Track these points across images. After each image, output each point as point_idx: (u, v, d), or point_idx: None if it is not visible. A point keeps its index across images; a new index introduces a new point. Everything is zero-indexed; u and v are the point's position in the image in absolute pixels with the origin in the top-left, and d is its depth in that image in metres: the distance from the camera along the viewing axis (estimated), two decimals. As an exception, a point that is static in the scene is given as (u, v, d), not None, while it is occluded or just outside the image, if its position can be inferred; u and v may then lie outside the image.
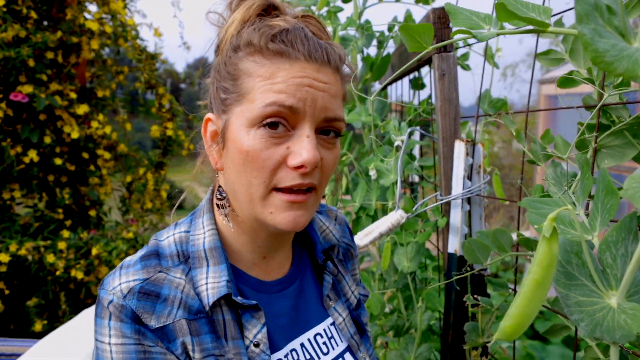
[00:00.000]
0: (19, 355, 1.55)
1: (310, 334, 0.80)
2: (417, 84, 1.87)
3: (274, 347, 0.73)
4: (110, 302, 0.64)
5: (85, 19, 2.70)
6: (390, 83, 2.04)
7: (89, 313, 1.53)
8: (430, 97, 1.79)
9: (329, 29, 1.56)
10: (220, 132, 0.70)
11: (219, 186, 0.75)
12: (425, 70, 1.79)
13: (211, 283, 0.69)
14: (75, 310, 2.70)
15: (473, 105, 1.61)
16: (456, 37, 0.54)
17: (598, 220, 0.59)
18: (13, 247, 2.38)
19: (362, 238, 1.30)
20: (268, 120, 0.64)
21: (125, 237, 2.70)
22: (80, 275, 2.50)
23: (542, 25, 0.49)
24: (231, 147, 0.67)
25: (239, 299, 0.69)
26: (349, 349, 0.83)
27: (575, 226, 0.52)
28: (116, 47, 2.87)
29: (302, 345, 0.77)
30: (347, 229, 0.98)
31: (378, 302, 1.52)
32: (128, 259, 0.71)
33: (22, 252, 2.41)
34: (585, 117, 0.93)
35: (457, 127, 1.22)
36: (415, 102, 1.90)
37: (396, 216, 1.27)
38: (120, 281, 0.65)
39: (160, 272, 0.68)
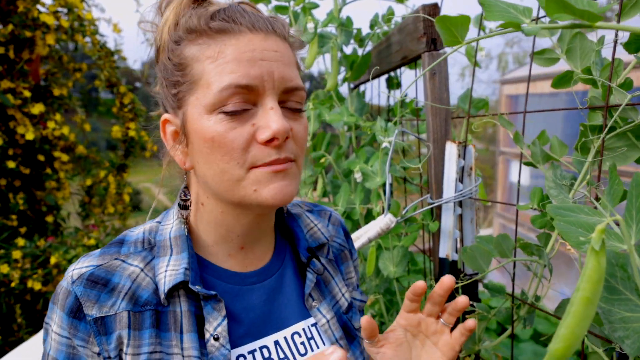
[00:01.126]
0: None
1: (287, 332, 0.76)
2: (391, 83, 1.83)
3: (238, 342, 0.70)
4: (61, 288, 0.65)
5: (39, 12, 2.53)
6: (363, 82, 1.99)
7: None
8: (414, 99, 1.76)
9: (310, 25, 1.50)
10: (180, 129, 0.67)
11: (185, 187, 0.74)
12: (400, 69, 1.76)
13: (170, 271, 0.67)
14: (31, 324, 2.54)
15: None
16: (498, 30, 0.49)
17: (633, 228, 0.55)
18: (-38, 258, 2.22)
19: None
20: (228, 108, 0.62)
21: (87, 244, 2.56)
22: (37, 285, 2.34)
23: (594, 20, 0.45)
24: (195, 140, 0.65)
25: (196, 287, 0.66)
26: None
27: (624, 237, 0.48)
28: (73, 42, 2.71)
29: (276, 342, 0.74)
30: (342, 230, 0.94)
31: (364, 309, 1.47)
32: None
33: (-27, 262, 2.24)
34: (550, 118, 0.91)
35: (448, 128, 1.18)
36: (392, 101, 1.87)
37: (385, 220, 1.22)
38: (75, 267, 0.65)
39: (116, 259, 0.67)
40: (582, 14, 0.44)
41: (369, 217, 1.53)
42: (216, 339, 0.66)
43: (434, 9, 1.15)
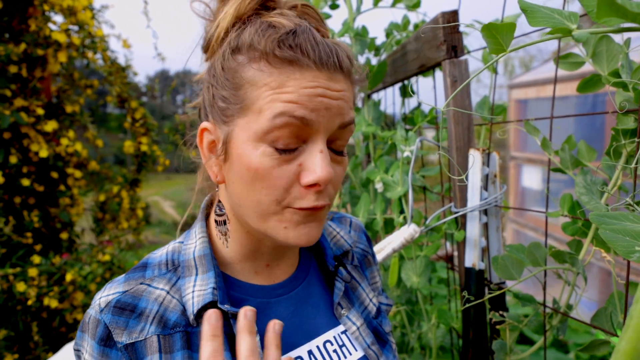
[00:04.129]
0: None
1: (319, 340, 0.75)
2: (405, 91, 1.82)
3: None
4: (90, 316, 0.64)
5: (51, 30, 2.55)
6: (377, 91, 1.98)
7: (69, 349, 1.40)
8: (430, 107, 1.74)
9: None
10: (221, 144, 0.65)
11: (219, 201, 0.72)
12: (414, 77, 1.75)
13: (197, 291, 0.66)
14: (48, 341, 2.53)
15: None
16: (546, 37, 0.47)
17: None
18: (-22, 277, 2.21)
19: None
20: (279, 144, 0.60)
21: (101, 260, 2.55)
22: (54, 303, 2.34)
23: (647, 23, 0.43)
24: (236, 162, 0.63)
25: (225, 306, 0.65)
26: (365, 358, 0.78)
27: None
28: (84, 59, 2.73)
29: (309, 352, 0.73)
30: (364, 236, 0.94)
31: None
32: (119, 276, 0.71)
33: (-11, 281, 2.24)
34: (558, 122, 0.89)
35: (472, 135, 1.16)
36: (406, 110, 1.85)
37: (410, 231, 1.20)
38: (102, 295, 0.65)
39: (141, 283, 0.67)
40: (634, 16, 0.43)
41: (389, 227, 1.51)
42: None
43: (453, 17, 1.14)
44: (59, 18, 2.70)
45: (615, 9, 0.42)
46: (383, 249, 1.23)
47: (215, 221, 0.72)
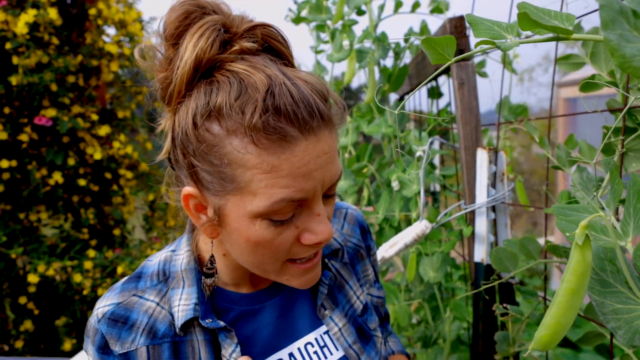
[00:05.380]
0: None
1: (300, 343, 0.78)
2: (434, 93, 1.87)
3: (261, 357, 0.74)
4: (90, 325, 0.68)
5: (104, 42, 2.76)
6: (407, 93, 2.04)
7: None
8: (448, 105, 1.79)
9: (345, 42, 1.57)
10: (213, 213, 0.63)
11: (211, 255, 0.72)
12: (442, 78, 1.79)
13: (182, 305, 0.69)
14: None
15: (491, 111, 1.60)
16: (478, 47, 0.54)
17: (631, 225, 0.58)
18: (41, 268, 2.43)
19: (387, 250, 1.29)
20: (276, 217, 0.59)
21: (150, 255, 2.74)
22: (106, 294, 2.53)
23: (566, 33, 0.49)
24: (234, 233, 0.63)
25: (206, 322, 0.68)
26: (345, 358, 0.80)
27: (609, 232, 0.51)
28: (135, 68, 2.92)
29: (290, 354, 0.76)
30: (359, 227, 0.91)
31: (405, 314, 1.51)
32: (120, 280, 0.74)
33: (50, 272, 2.45)
34: (609, 120, 0.92)
35: (479, 135, 1.21)
36: (434, 110, 1.90)
37: (421, 227, 1.26)
38: (100, 305, 0.69)
39: (134, 295, 0.70)
40: (553, 29, 0.49)
41: (409, 224, 1.57)
42: None
43: (460, 22, 1.19)
44: (111, 31, 2.91)
45: (533, 22, 0.48)
46: (396, 243, 1.29)
47: (204, 273, 0.72)
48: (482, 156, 1.19)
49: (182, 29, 0.59)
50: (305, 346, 0.78)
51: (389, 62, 1.92)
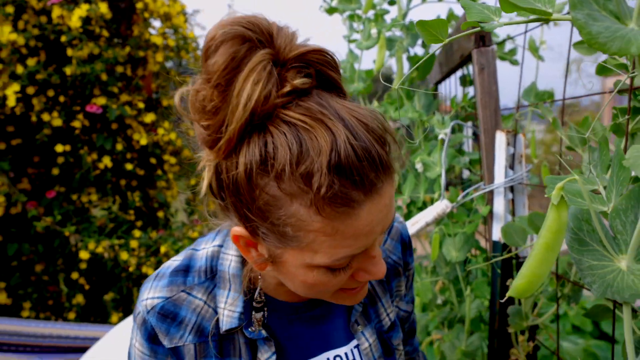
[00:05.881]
0: (97, 338, 1.72)
1: (330, 354, 0.80)
2: (465, 81, 1.91)
3: None
4: (139, 312, 0.72)
5: (150, 34, 2.91)
6: (440, 81, 2.08)
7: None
8: (467, 92, 1.82)
9: (373, 30, 1.64)
10: (267, 254, 0.63)
11: (260, 288, 0.74)
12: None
13: (228, 310, 0.72)
14: (146, 305, 2.91)
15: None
16: (467, 29, 0.60)
17: (613, 192, 0.63)
18: (91, 245, 2.61)
19: (409, 227, 1.36)
20: (335, 267, 0.61)
21: (191, 236, 2.88)
22: (150, 271, 2.69)
23: (545, 14, 0.55)
24: (289, 274, 0.64)
25: (249, 331, 0.73)
26: None
27: (584, 196, 0.57)
28: (178, 59, 3.07)
29: None
30: (401, 245, 0.90)
31: (428, 290, 1.57)
32: (165, 265, 0.77)
33: (100, 250, 2.63)
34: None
35: (498, 118, 1.26)
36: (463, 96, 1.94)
37: (442, 205, 1.32)
38: (148, 295, 0.72)
39: (182, 291, 0.72)
40: (532, 11, 0.54)
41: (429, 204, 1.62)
42: None
43: (481, 8, 1.24)
44: (157, 23, 3.05)
45: (511, 5, 0.54)
46: (418, 221, 1.36)
47: (254, 307, 0.74)
48: (500, 138, 1.23)
49: (230, 75, 0.53)
50: (334, 358, 0.80)
51: (419, 50, 1.97)
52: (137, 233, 2.77)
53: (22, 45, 2.54)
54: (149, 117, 2.83)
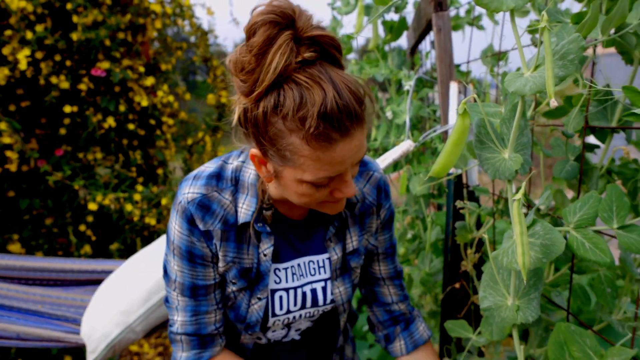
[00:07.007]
0: (109, 272, 1.99)
1: (307, 258, 1.10)
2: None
3: (279, 259, 1.08)
4: (180, 202, 0.97)
5: (149, 2, 3.11)
6: (415, 45, 2.33)
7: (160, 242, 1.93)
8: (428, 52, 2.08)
9: (352, -2, 1.88)
10: (272, 171, 0.90)
11: (269, 196, 1.01)
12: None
13: (244, 209, 0.99)
14: (149, 253, 3.18)
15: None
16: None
17: (506, 107, 0.90)
18: (99, 198, 2.86)
19: (380, 163, 1.63)
20: (317, 184, 0.86)
21: (189, 191, 3.15)
22: (153, 222, 2.95)
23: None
24: (286, 186, 0.90)
25: (257, 226, 1.00)
26: (330, 278, 1.11)
27: (480, 110, 0.84)
28: (175, 26, 3.28)
29: (299, 265, 1.09)
30: (376, 189, 1.14)
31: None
32: (201, 169, 1.02)
33: (106, 202, 2.88)
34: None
35: (452, 71, 1.52)
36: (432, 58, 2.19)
37: (406, 145, 1.59)
38: (189, 190, 0.97)
39: (215, 191, 0.98)
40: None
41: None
42: (265, 255, 1.03)
43: (438, -21, 1.49)
44: (155, -8, 3.26)
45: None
46: (386, 159, 1.63)
47: (264, 208, 1.01)
48: (453, 88, 1.50)
49: (265, 48, 0.78)
50: (309, 262, 1.10)
51: (395, 17, 2.21)
52: (139, 187, 3.02)
53: (31, 12, 2.73)
54: (149, 81, 3.05)
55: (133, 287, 1.68)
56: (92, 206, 2.83)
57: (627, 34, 0.96)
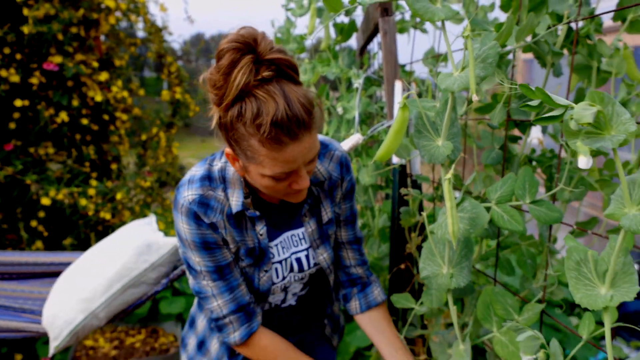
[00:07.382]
0: (69, 263, 2.03)
1: (290, 233, 1.26)
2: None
3: (271, 237, 1.24)
4: (183, 204, 1.11)
5: (103, -3, 3.13)
6: (364, 46, 2.48)
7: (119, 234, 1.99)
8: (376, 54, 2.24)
9: (305, 1, 2.00)
10: (242, 167, 1.05)
11: (245, 187, 1.15)
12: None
13: (235, 201, 1.14)
14: (104, 248, 3.19)
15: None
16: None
17: (440, 102, 1.05)
18: (52, 193, 2.86)
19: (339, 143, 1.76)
20: (276, 177, 1.00)
21: (143, 186, 3.18)
22: (107, 216, 2.98)
23: (394, -5, 0.94)
24: (252, 179, 1.06)
25: (248, 212, 1.16)
26: (310, 247, 1.28)
27: (418, 104, 0.98)
28: (129, 22, 3.30)
29: (285, 239, 1.25)
30: (339, 165, 1.28)
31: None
32: (192, 173, 1.16)
33: (60, 196, 2.88)
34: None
35: (397, 71, 1.67)
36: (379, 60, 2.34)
37: (355, 138, 1.73)
38: (188, 193, 1.12)
39: (209, 190, 1.13)
40: (387, -8, 0.94)
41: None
42: (261, 235, 1.18)
43: (384, -13, 1.63)
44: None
45: (375, -12, 0.93)
46: (338, 152, 1.76)
47: (245, 195, 1.15)
48: (398, 86, 1.65)
49: (231, 68, 0.92)
50: (291, 236, 1.27)
51: (345, 20, 2.35)
52: (93, 182, 3.03)
53: (-22, 4, 2.70)
54: (103, 76, 3.07)
55: (94, 277, 1.74)
56: (45, 201, 2.83)
57: (539, 41, 1.13)
